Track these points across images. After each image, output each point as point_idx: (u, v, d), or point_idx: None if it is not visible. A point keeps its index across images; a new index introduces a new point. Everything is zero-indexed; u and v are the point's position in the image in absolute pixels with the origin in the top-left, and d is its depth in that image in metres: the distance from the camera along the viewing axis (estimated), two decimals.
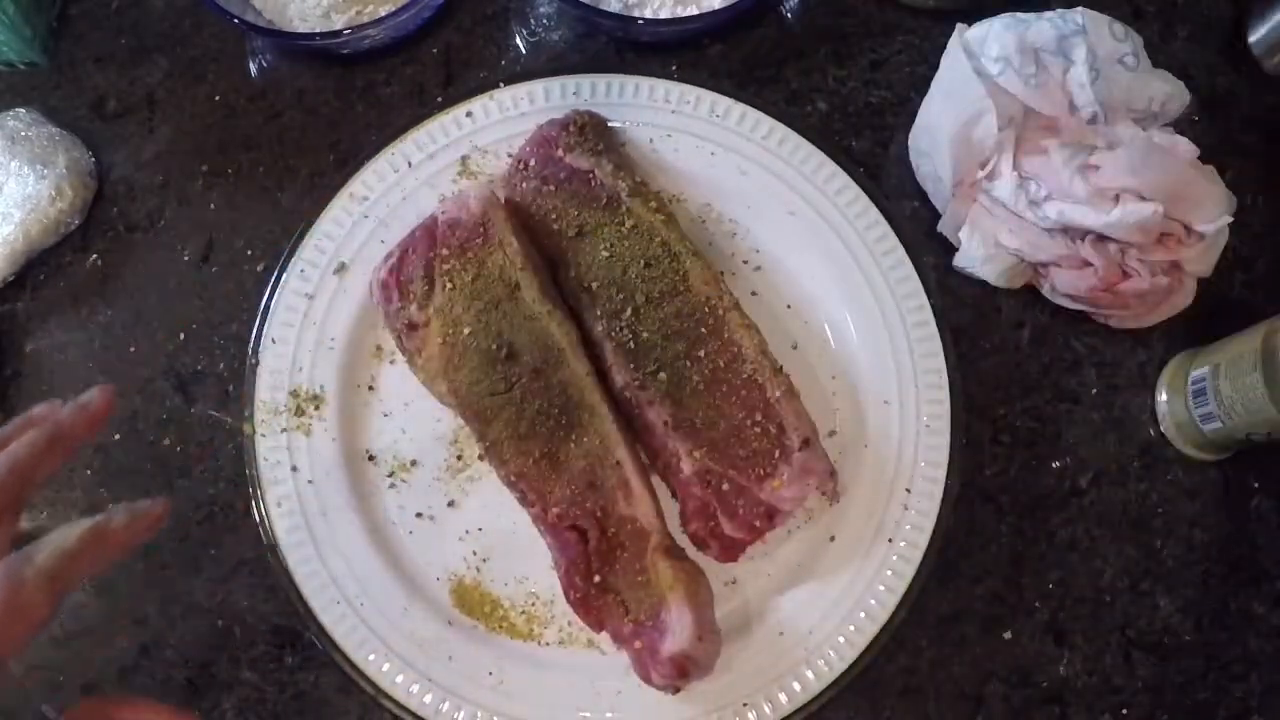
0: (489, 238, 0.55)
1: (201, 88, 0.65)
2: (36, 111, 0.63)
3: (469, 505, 0.57)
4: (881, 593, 0.55)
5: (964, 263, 0.60)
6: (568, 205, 0.57)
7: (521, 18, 0.66)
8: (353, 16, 0.62)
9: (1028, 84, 0.56)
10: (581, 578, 0.52)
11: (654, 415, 0.54)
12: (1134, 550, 0.59)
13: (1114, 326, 0.61)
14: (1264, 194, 0.63)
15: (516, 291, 0.54)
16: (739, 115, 0.61)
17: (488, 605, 0.56)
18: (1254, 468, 0.60)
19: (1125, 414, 0.60)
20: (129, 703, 0.42)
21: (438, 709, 0.54)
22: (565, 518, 0.53)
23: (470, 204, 0.55)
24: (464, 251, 0.55)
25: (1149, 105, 0.58)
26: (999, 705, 0.57)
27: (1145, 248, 0.56)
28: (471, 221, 0.55)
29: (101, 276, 0.62)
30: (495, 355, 0.53)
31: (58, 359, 0.61)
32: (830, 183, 0.60)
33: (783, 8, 0.66)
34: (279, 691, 0.56)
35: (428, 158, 0.61)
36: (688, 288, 0.55)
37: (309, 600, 0.55)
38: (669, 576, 0.51)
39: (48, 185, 0.60)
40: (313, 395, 0.58)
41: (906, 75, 0.65)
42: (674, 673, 0.50)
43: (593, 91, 0.61)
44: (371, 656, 0.55)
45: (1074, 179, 0.55)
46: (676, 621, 0.50)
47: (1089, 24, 0.57)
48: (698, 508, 0.54)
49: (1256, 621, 0.58)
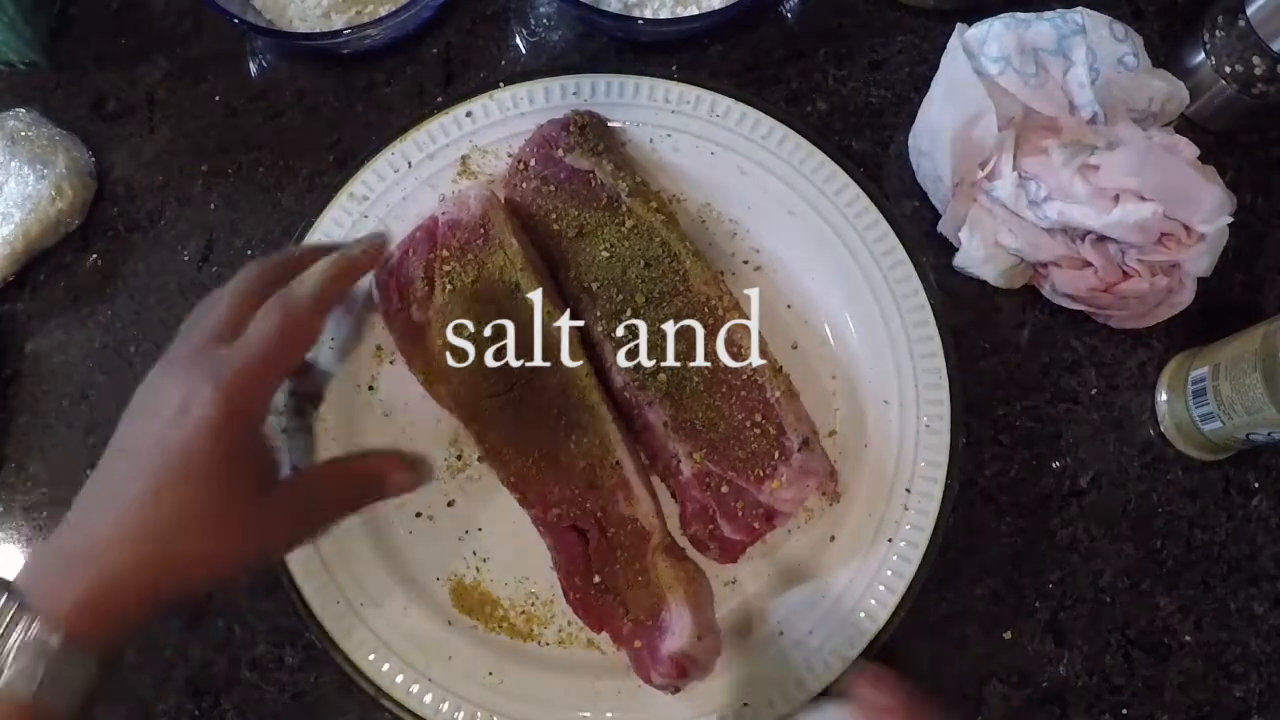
0: (489, 238, 0.55)
1: (201, 88, 0.65)
2: (36, 111, 0.63)
3: (469, 505, 0.57)
4: (881, 593, 0.55)
5: (964, 263, 0.60)
6: (568, 205, 0.57)
7: (521, 18, 0.66)
8: (353, 16, 0.62)
9: (1028, 84, 0.56)
10: (581, 578, 0.52)
11: (654, 416, 0.54)
12: (1134, 550, 0.59)
13: (1114, 326, 0.61)
14: (1264, 194, 0.64)
15: (517, 291, 0.54)
16: (739, 115, 0.61)
17: (487, 605, 0.56)
18: (1254, 468, 0.60)
19: (1125, 414, 0.60)
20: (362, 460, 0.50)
21: (438, 709, 0.54)
22: (565, 518, 0.53)
23: (470, 204, 0.55)
24: (464, 253, 0.55)
25: (1149, 105, 0.58)
26: (999, 705, 0.57)
27: (1145, 248, 0.56)
28: (472, 222, 0.55)
29: (101, 276, 0.62)
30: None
31: (58, 359, 0.61)
32: (830, 183, 0.60)
33: (783, 8, 0.66)
34: (279, 691, 0.56)
35: (428, 158, 0.61)
36: (688, 288, 0.55)
37: (309, 600, 0.55)
38: (669, 576, 0.51)
39: (48, 185, 0.60)
40: (313, 395, 0.58)
41: (906, 75, 0.65)
42: (674, 672, 0.50)
43: (593, 91, 0.61)
44: (371, 656, 0.55)
45: (1074, 179, 0.55)
46: (676, 621, 0.50)
47: (1089, 24, 0.57)
48: (697, 510, 0.54)
49: (1256, 621, 0.58)
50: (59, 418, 0.60)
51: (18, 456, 0.59)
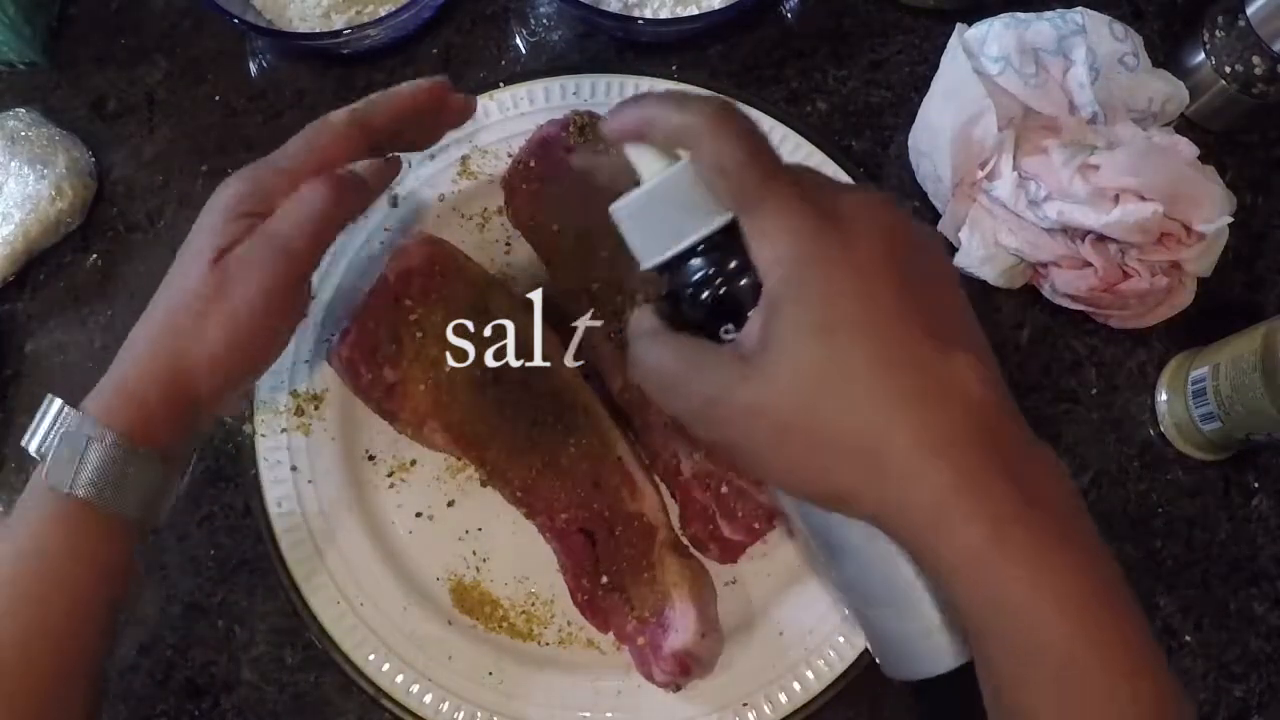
0: (446, 272, 0.54)
1: (201, 88, 0.65)
2: (36, 111, 0.63)
3: (469, 505, 0.57)
4: None
5: (964, 263, 0.60)
6: (568, 206, 0.56)
7: (521, 18, 0.66)
8: (353, 16, 0.62)
9: (1028, 84, 0.56)
10: (589, 579, 0.52)
11: (654, 416, 0.54)
12: (1134, 550, 0.59)
13: (1114, 326, 0.61)
14: (1264, 194, 0.64)
15: (486, 314, 0.54)
16: None
17: (487, 605, 0.56)
18: (1254, 468, 0.60)
19: (1125, 414, 0.60)
20: None
21: (438, 709, 0.54)
22: (574, 521, 0.53)
23: (412, 250, 0.55)
24: (427, 295, 0.54)
25: (1149, 105, 0.58)
26: None
27: (1145, 248, 0.56)
28: (423, 265, 0.54)
29: (101, 276, 0.62)
30: (482, 381, 0.53)
31: (58, 359, 0.61)
32: None
33: (783, 8, 0.66)
34: (279, 691, 0.56)
35: (428, 158, 0.61)
36: None
37: (309, 600, 0.55)
38: (675, 573, 0.52)
39: (48, 185, 0.60)
40: (313, 395, 0.58)
41: (906, 75, 0.65)
42: (676, 669, 0.50)
43: (593, 91, 0.61)
44: (371, 656, 0.54)
45: (1074, 179, 0.55)
46: (680, 618, 0.50)
47: (1089, 24, 0.57)
48: (697, 510, 0.54)
49: (1256, 621, 0.58)
50: None
51: (18, 456, 0.59)
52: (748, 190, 0.34)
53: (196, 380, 0.43)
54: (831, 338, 0.33)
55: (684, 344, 0.36)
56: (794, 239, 0.33)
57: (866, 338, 0.33)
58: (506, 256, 0.61)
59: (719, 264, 0.36)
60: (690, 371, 0.35)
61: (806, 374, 0.33)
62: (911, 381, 0.32)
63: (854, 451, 0.33)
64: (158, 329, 0.44)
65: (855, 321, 0.33)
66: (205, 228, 0.45)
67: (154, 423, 0.43)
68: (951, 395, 0.32)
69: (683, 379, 0.35)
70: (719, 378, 0.34)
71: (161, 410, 0.43)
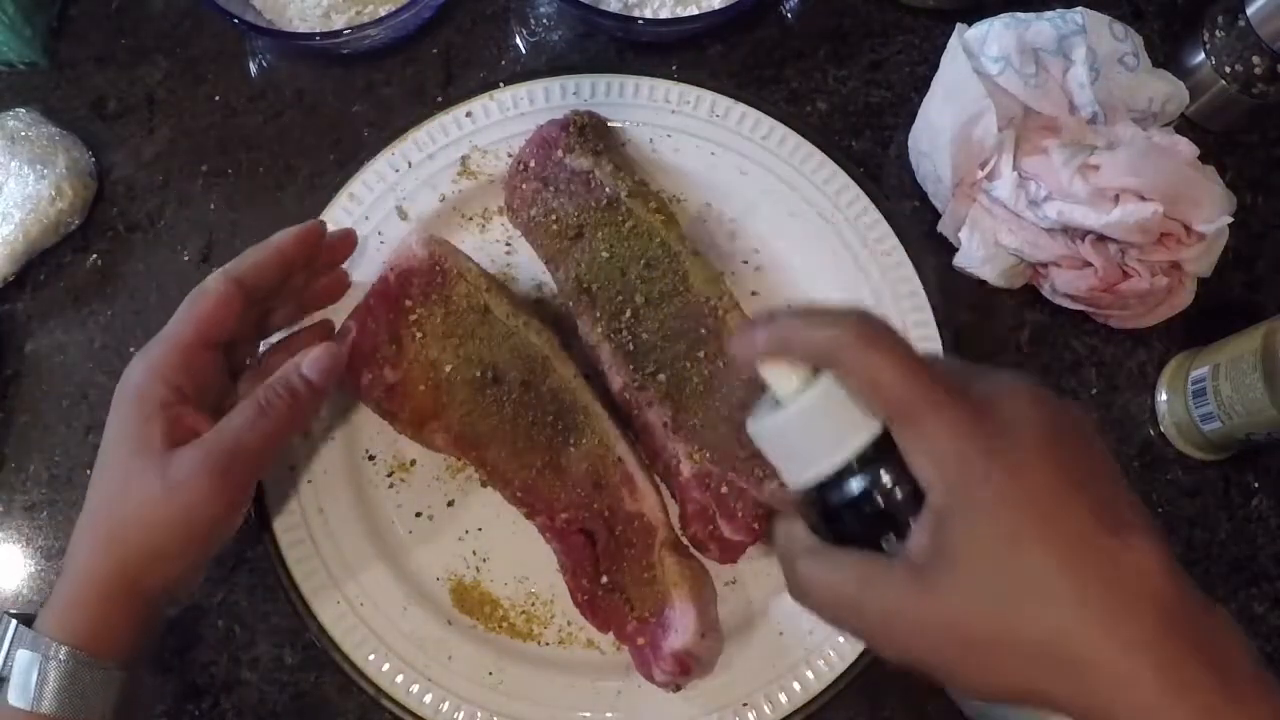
0: (447, 273, 0.54)
1: (201, 88, 0.65)
2: (36, 111, 0.63)
3: (469, 505, 0.57)
4: None
5: (964, 263, 0.60)
6: (567, 206, 0.56)
7: (521, 18, 0.66)
8: (353, 16, 0.62)
9: (1028, 84, 0.56)
10: (590, 580, 0.52)
11: (654, 416, 0.54)
12: None
13: (1114, 326, 0.61)
14: (1264, 194, 0.64)
15: (488, 314, 0.54)
16: (739, 115, 0.61)
17: (487, 605, 0.56)
18: (1254, 468, 0.60)
19: (1125, 414, 0.60)
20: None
21: (438, 709, 0.54)
22: (575, 521, 0.53)
23: (416, 250, 0.54)
24: (428, 295, 0.54)
25: (1149, 105, 0.58)
26: None
27: (1145, 248, 0.56)
28: (425, 265, 0.54)
29: (101, 276, 0.62)
30: (482, 381, 0.53)
31: (58, 359, 0.61)
32: (830, 183, 0.60)
33: (783, 8, 0.66)
34: (279, 691, 0.56)
35: (428, 158, 0.61)
36: (688, 288, 0.55)
37: (309, 600, 0.55)
38: (675, 573, 0.52)
39: (48, 185, 0.60)
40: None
41: (906, 75, 0.65)
42: (676, 669, 0.50)
43: (593, 91, 0.61)
44: (371, 656, 0.55)
45: (1074, 179, 0.55)
46: (680, 618, 0.50)
47: (1089, 24, 0.57)
48: (697, 511, 0.54)
49: (1256, 621, 0.58)
50: (59, 418, 0.60)
51: (18, 456, 0.59)
52: (904, 402, 0.33)
53: (149, 583, 0.44)
54: (1013, 546, 0.32)
55: (852, 561, 0.35)
56: (955, 447, 0.33)
57: (1048, 542, 0.32)
58: (507, 256, 0.61)
59: (878, 476, 0.35)
60: (864, 590, 0.34)
61: (991, 584, 0.32)
62: (1099, 580, 0.32)
63: (1049, 656, 0.32)
64: (104, 536, 0.44)
65: (1032, 527, 0.32)
66: (127, 420, 0.45)
67: (112, 630, 0.43)
68: (1142, 590, 0.32)
69: (856, 598, 0.34)
70: (895, 594, 0.33)
71: (116, 616, 0.43)
